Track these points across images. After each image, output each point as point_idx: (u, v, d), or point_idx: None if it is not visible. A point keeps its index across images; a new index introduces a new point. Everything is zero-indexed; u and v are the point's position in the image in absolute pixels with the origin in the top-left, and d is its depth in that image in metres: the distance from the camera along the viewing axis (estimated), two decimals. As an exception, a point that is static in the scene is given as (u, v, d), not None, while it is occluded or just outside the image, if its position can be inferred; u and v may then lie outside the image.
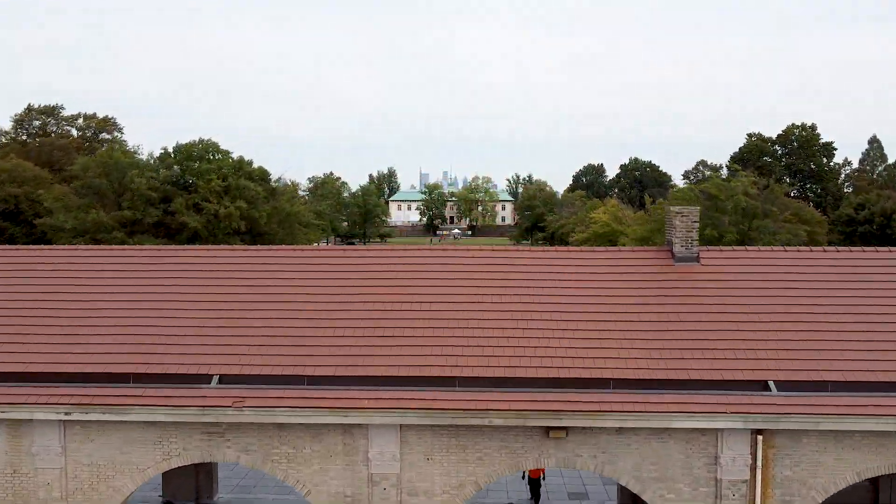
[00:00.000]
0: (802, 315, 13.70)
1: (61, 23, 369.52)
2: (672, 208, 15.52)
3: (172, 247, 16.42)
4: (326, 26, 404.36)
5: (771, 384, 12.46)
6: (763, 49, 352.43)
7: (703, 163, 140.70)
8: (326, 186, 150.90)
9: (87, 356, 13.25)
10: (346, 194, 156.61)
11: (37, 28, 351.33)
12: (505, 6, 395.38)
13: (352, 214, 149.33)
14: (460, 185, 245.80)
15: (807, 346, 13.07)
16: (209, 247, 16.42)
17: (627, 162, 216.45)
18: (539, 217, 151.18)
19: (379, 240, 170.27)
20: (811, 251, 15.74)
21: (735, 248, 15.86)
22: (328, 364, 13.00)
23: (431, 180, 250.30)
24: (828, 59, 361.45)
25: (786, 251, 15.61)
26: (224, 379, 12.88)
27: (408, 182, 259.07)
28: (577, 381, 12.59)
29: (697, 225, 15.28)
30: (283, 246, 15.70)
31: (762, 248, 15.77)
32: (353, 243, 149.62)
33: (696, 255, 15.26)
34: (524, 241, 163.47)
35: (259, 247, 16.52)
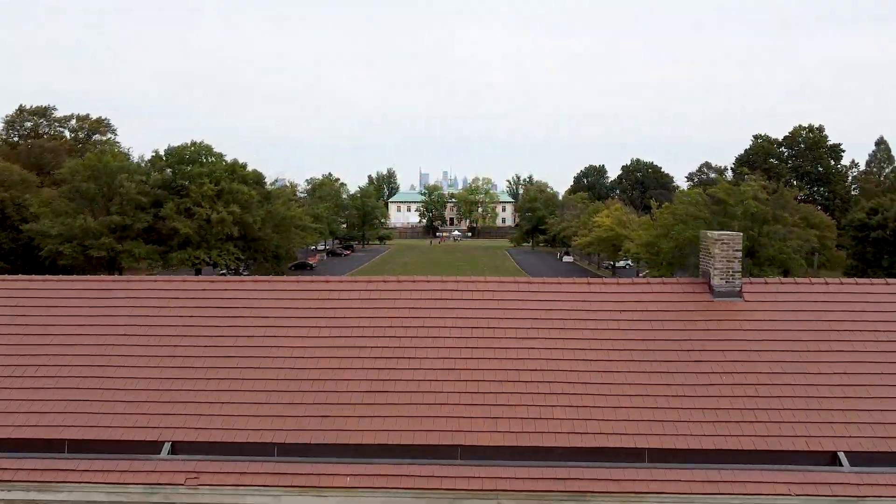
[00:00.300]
0: (876, 366, 11.45)
1: (61, 23, 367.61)
2: (710, 234, 13.28)
3: (116, 278, 14.09)
4: (326, 26, 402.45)
5: (841, 456, 10.22)
6: (763, 49, 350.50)
7: (707, 164, 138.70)
8: (324, 188, 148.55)
9: (10, 417, 11.00)
10: (344, 196, 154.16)
11: (37, 28, 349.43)
12: (505, 6, 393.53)
13: (350, 216, 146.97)
14: (460, 186, 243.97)
15: (884, 407, 10.82)
16: (162, 277, 14.09)
17: (629, 163, 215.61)
18: (540, 219, 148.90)
19: (378, 242, 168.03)
20: (872, 283, 13.48)
21: (783, 280, 13.57)
22: (302, 428, 10.75)
23: (431, 180, 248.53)
24: (829, 59, 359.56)
25: (842, 283, 13.33)
26: (177, 448, 10.63)
27: (407, 182, 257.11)
28: (606, 451, 10.35)
29: (740, 254, 13.04)
30: (252, 277, 13.33)
31: (814, 280, 13.51)
32: (351, 246, 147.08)
33: (739, 289, 13.00)
34: (525, 244, 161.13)
35: (224, 278, 14.22)
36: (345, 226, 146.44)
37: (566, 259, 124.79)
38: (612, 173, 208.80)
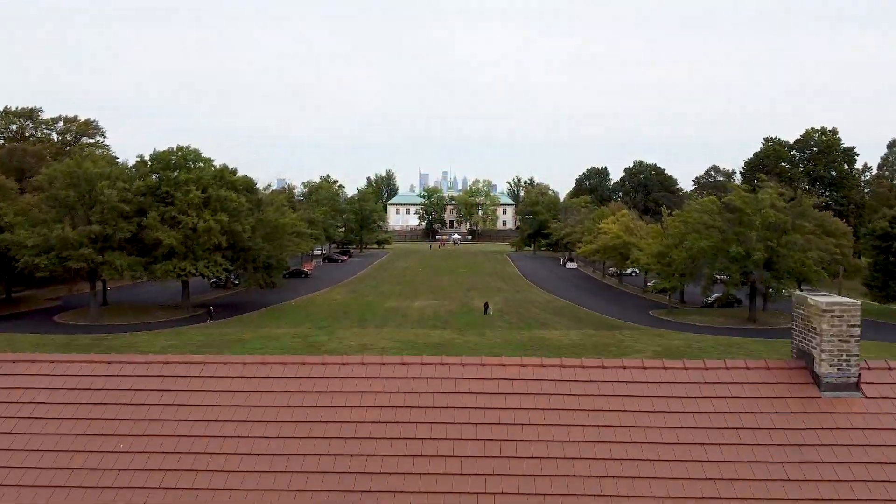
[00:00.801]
0: None
1: (60, 23, 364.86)
2: (813, 301, 9.59)
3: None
4: (326, 26, 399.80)
5: None
6: (764, 48, 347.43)
7: (714, 168, 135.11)
8: (321, 191, 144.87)
9: None
10: (342, 199, 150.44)
11: (36, 28, 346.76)
12: (505, 6, 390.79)
13: (348, 220, 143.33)
14: (460, 186, 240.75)
15: None
16: (71, 357, 10.38)
17: (632, 165, 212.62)
18: (542, 223, 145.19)
19: (376, 245, 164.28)
20: None
21: (914, 363, 9.84)
22: None
23: (431, 180, 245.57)
24: (833, 59, 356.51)
25: None
26: None
27: (407, 183, 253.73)
28: None
29: (858, 331, 9.38)
30: (180, 357, 9.48)
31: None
32: (348, 251, 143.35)
33: (856, 380, 9.33)
34: (526, 247, 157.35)
35: (156, 357, 10.43)
36: (342, 230, 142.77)
37: (570, 265, 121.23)
38: (615, 174, 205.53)
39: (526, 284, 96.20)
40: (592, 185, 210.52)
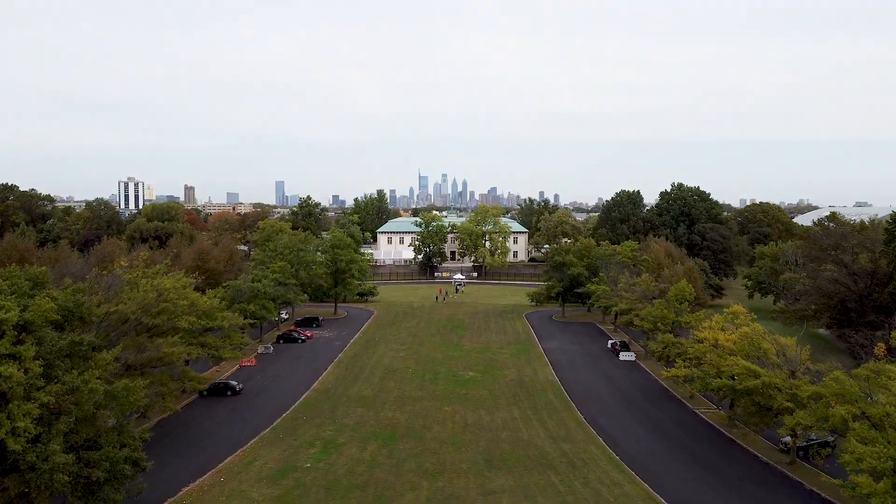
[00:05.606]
0: None
1: (55, 23, 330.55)
2: None
3: None
4: (327, 27, 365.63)
5: None
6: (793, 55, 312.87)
7: (830, 216, 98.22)
8: (281, 238, 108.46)
9: None
10: (314, 245, 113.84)
11: (26, 28, 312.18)
12: (505, 6, 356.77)
13: (315, 276, 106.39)
14: (460, 189, 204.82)
15: None
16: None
17: (669, 189, 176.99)
18: (575, 278, 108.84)
19: (359, 298, 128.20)
20: None
21: None
22: None
23: (430, 182, 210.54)
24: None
25: None
26: None
27: (405, 185, 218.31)
28: None
29: None
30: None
31: None
32: (315, 320, 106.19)
33: None
34: (551, 300, 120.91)
35: None
36: (308, 290, 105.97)
37: (625, 356, 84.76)
38: (647, 195, 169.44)
39: (580, 430, 59.22)
40: (623, 213, 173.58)
